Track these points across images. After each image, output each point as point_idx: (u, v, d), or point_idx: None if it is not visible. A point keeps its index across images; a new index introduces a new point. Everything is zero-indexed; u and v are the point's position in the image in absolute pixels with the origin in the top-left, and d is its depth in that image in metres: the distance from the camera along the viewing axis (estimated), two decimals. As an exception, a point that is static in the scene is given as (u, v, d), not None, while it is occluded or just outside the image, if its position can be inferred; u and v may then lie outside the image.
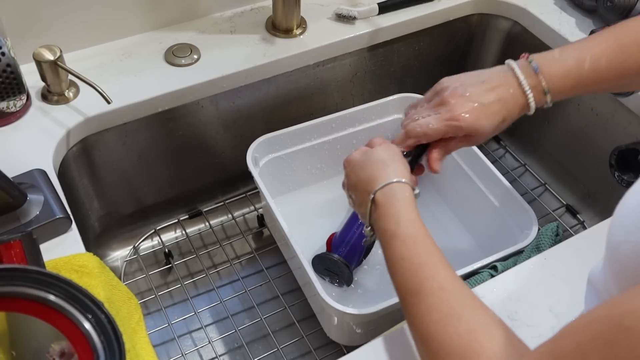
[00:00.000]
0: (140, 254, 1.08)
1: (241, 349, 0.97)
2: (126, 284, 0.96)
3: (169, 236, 1.11)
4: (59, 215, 0.71)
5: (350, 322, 0.84)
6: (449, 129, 0.67)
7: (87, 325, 0.51)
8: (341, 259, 0.92)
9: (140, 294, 1.02)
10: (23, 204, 0.70)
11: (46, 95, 0.87)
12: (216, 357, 0.96)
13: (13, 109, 0.84)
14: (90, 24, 0.93)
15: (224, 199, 1.15)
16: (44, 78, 0.85)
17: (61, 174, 0.84)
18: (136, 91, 0.90)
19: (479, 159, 0.97)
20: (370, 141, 0.72)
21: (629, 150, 0.92)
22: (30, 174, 0.75)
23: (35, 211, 0.70)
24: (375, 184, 0.64)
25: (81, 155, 0.91)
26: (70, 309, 0.51)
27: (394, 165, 0.65)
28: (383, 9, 1.04)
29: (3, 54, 0.74)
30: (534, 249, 0.83)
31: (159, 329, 0.97)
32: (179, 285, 1.03)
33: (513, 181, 1.17)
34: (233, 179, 1.13)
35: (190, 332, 0.99)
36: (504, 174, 1.02)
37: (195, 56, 0.95)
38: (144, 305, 1.01)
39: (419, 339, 0.53)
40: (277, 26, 1.00)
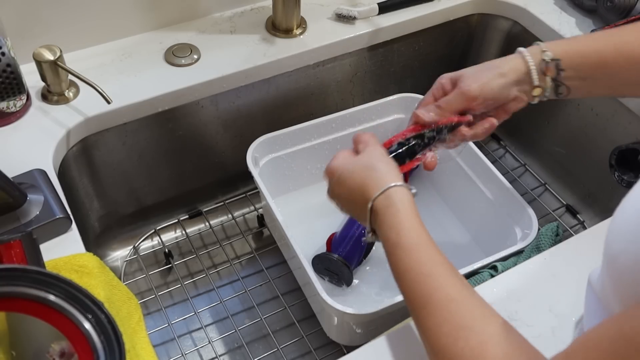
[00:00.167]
0: (140, 254, 1.08)
1: (241, 349, 0.97)
2: (126, 284, 0.96)
3: (169, 236, 1.11)
4: (59, 215, 0.71)
5: (350, 322, 0.84)
6: (460, 98, 0.69)
7: (87, 325, 0.51)
8: (341, 259, 0.92)
9: (140, 294, 1.02)
10: (23, 204, 0.70)
11: (46, 95, 0.88)
12: (216, 357, 0.96)
13: (13, 109, 0.84)
14: (90, 24, 0.93)
15: (224, 199, 1.15)
16: (44, 78, 0.85)
17: (61, 174, 0.84)
18: (136, 91, 0.90)
19: (479, 159, 0.97)
20: (355, 138, 0.70)
21: (629, 150, 0.92)
22: (30, 174, 0.75)
23: (35, 211, 0.70)
24: (370, 193, 0.62)
25: (81, 155, 0.91)
26: (70, 309, 0.51)
27: (384, 168, 0.63)
28: (383, 9, 1.04)
29: (3, 54, 0.74)
30: (534, 249, 0.83)
31: (159, 329, 0.97)
32: (179, 285, 1.03)
33: (513, 181, 1.17)
34: (233, 179, 1.13)
35: (190, 332, 0.99)
36: (504, 174, 1.02)
37: (195, 56, 0.95)
38: (144, 305, 1.01)
39: (431, 351, 0.52)
40: (277, 26, 1.00)
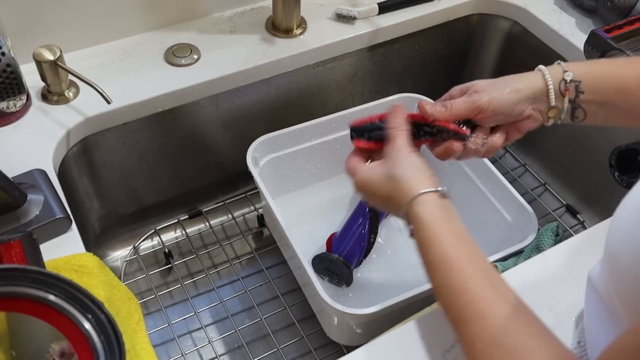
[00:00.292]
0: (140, 254, 1.08)
1: (241, 349, 0.97)
2: (126, 284, 0.96)
3: (169, 236, 1.11)
4: (59, 215, 0.71)
5: (350, 322, 0.84)
6: (468, 105, 0.65)
7: (87, 325, 0.51)
8: (341, 259, 0.92)
9: (140, 294, 1.02)
10: (23, 204, 0.70)
11: (46, 95, 0.87)
12: (216, 357, 0.96)
13: (13, 109, 0.84)
14: (90, 24, 0.93)
15: (224, 199, 1.15)
16: (44, 78, 0.85)
17: (61, 174, 0.84)
18: (136, 91, 0.90)
19: (479, 159, 0.97)
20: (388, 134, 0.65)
21: (629, 150, 0.92)
22: (30, 174, 0.75)
23: (35, 211, 0.70)
24: (400, 207, 0.59)
25: (81, 155, 0.91)
26: (70, 309, 0.51)
27: (407, 176, 0.59)
28: (383, 9, 1.04)
29: (3, 54, 0.74)
30: (534, 249, 0.83)
31: (159, 329, 0.97)
32: (179, 285, 1.03)
33: (513, 181, 1.17)
34: (233, 179, 1.13)
35: (190, 332, 0.99)
36: (504, 174, 1.02)
37: (195, 56, 0.95)
38: (144, 305, 1.01)
39: None
40: (277, 26, 1.00)
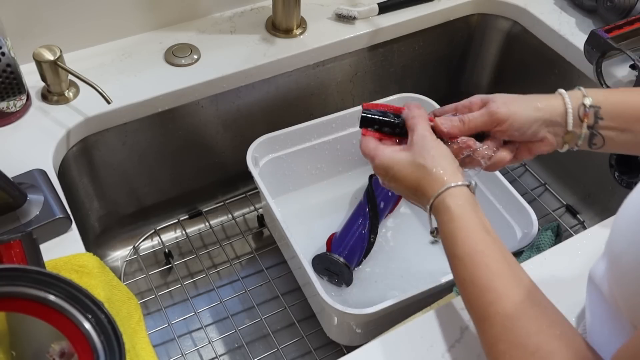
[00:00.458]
0: (140, 254, 1.08)
1: (241, 349, 0.97)
2: (126, 284, 0.96)
3: (169, 236, 1.11)
4: (59, 215, 0.71)
5: (350, 322, 0.84)
6: (487, 118, 0.63)
7: (87, 325, 0.51)
8: (341, 259, 0.92)
9: (140, 294, 1.02)
10: (23, 204, 0.70)
11: (46, 95, 0.87)
12: (216, 357, 0.96)
13: (13, 109, 0.84)
14: (90, 24, 0.93)
15: (224, 199, 1.15)
16: (44, 78, 0.85)
17: (61, 174, 0.84)
18: (136, 91, 0.90)
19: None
20: (409, 125, 0.63)
21: (629, 150, 0.92)
22: (30, 174, 0.75)
23: (35, 211, 0.70)
24: (427, 196, 0.58)
25: (81, 155, 0.91)
26: (70, 309, 0.51)
27: (438, 166, 0.59)
28: (383, 9, 1.04)
29: (3, 54, 0.74)
30: (534, 249, 0.83)
31: (159, 329, 0.97)
32: (179, 285, 1.03)
33: (513, 181, 1.17)
34: (233, 179, 1.13)
35: (190, 332, 0.99)
36: (504, 174, 1.02)
37: (195, 56, 0.95)
38: (144, 305, 1.01)
39: None
40: (277, 26, 1.00)
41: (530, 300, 0.52)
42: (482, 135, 0.65)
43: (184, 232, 1.11)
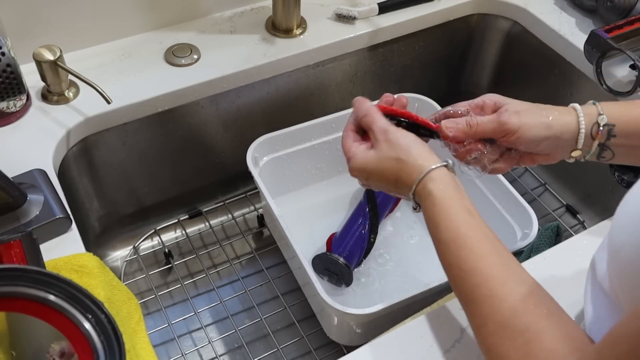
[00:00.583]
0: (140, 254, 1.08)
1: (241, 349, 0.97)
2: (126, 284, 0.96)
3: (169, 236, 1.11)
4: (59, 215, 0.71)
5: (350, 322, 0.84)
6: (496, 126, 0.62)
7: (87, 325, 0.51)
8: (341, 259, 0.92)
9: (140, 294, 1.02)
10: (23, 204, 0.70)
11: (46, 95, 0.87)
12: (216, 357, 0.96)
13: (13, 109, 0.84)
14: (90, 24, 0.93)
15: (224, 199, 1.15)
16: (44, 78, 0.85)
17: (61, 174, 0.84)
18: (136, 91, 0.90)
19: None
20: (363, 124, 0.63)
21: (629, 150, 0.92)
22: (30, 174, 0.75)
23: (35, 211, 0.70)
24: (407, 186, 0.58)
25: (81, 155, 0.91)
26: (70, 309, 0.51)
27: (413, 153, 0.58)
28: (383, 9, 1.04)
29: (3, 54, 0.74)
30: (533, 249, 0.83)
31: (159, 329, 0.97)
32: (179, 285, 1.03)
33: (513, 181, 1.17)
34: (233, 179, 1.13)
35: (190, 332, 0.99)
36: (504, 174, 1.02)
37: (195, 56, 0.95)
38: (144, 305, 1.01)
39: (481, 346, 0.52)
40: (277, 26, 1.00)
41: (516, 280, 0.51)
42: (489, 141, 0.64)
43: (184, 232, 1.11)
